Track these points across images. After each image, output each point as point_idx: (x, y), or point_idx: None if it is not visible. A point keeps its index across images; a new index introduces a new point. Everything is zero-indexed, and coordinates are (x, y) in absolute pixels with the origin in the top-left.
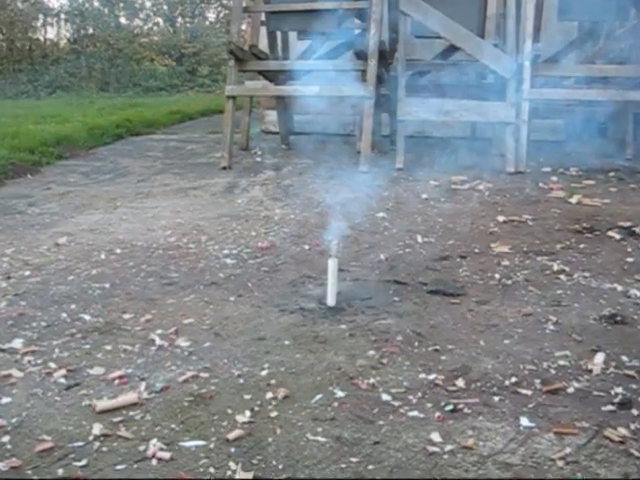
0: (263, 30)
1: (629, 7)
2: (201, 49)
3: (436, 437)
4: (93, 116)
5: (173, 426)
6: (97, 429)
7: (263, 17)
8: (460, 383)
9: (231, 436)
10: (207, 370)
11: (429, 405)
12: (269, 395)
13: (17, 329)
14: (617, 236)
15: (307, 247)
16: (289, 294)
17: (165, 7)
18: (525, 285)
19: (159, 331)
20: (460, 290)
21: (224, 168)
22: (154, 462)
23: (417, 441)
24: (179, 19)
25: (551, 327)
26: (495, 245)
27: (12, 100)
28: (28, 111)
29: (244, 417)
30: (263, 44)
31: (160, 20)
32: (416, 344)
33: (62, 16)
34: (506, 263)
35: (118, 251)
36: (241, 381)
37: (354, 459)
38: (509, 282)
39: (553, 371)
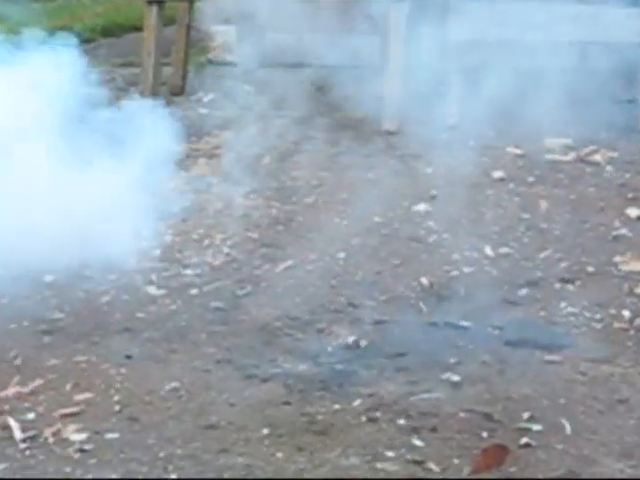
0: None
1: None
2: None
3: None
4: None
5: None
6: None
7: None
8: None
9: None
10: None
11: None
12: None
13: None
14: None
15: (289, 263)
16: (261, 348)
17: None
18: None
19: (30, 415)
20: (562, 340)
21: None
22: None
23: None
24: None
25: None
26: (622, 259)
27: None
28: None
29: None
30: None
31: None
32: (485, 435)
33: None
34: None
35: None
36: None
37: None
38: None
39: None
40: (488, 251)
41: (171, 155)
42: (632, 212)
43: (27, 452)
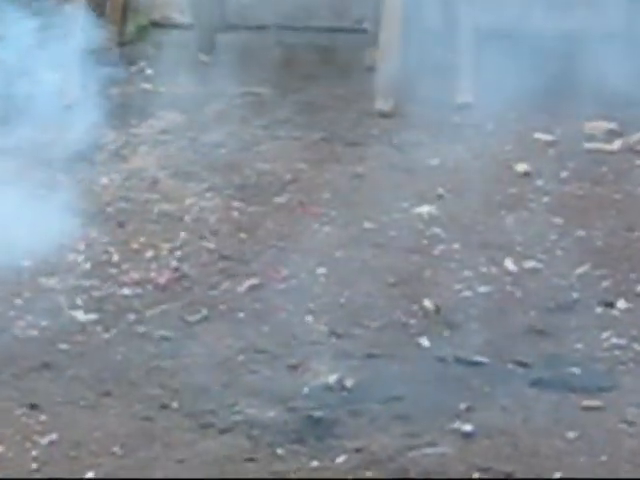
0: None
1: None
2: None
3: None
4: None
5: None
6: None
7: None
8: None
9: None
10: None
11: None
12: None
13: None
14: None
15: (255, 281)
16: (218, 390)
17: None
18: None
19: None
20: (604, 380)
21: (69, 107)
22: None
23: None
24: None
25: None
26: None
27: None
28: None
29: None
30: None
31: None
32: None
33: None
34: None
35: None
36: None
37: None
38: None
39: None
40: (510, 266)
41: (104, 142)
42: None
43: None
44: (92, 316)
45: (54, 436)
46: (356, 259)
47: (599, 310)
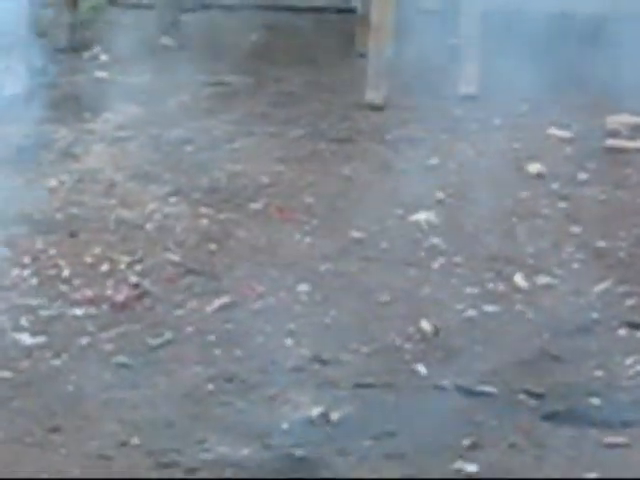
0: None
1: None
2: None
3: None
4: None
5: None
6: None
7: None
8: None
9: None
10: None
11: None
12: None
13: None
14: None
15: (227, 299)
16: (185, 424)
17: None
18: None
19: None
20: (629, 412)
21: (12, 98)
22: None
23: None
24: None
25: None
26: None
27: None
28: None
29: None
30: None
31: None
32: None
33: None
34: None
35: None
36: None
37: None
38: None
39: None
40: (520, 281)
41: (52, 139)
42: None
43: None
44: (39, 339)
45: None
46: (343, 274)
47: (622, 332)
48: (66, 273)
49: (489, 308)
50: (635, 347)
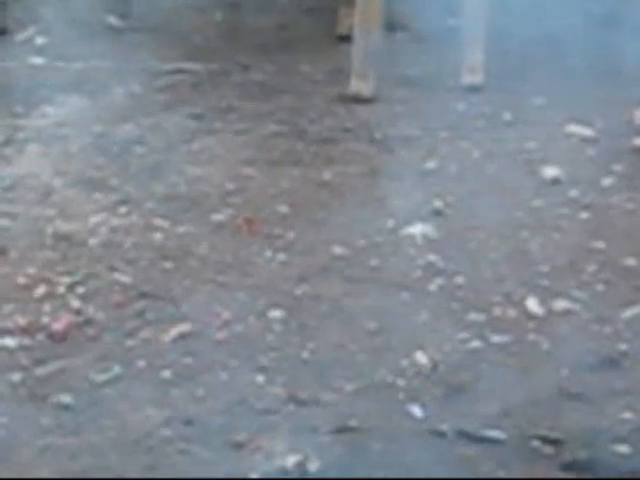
0: None
1: None
2: None
3: None
4: None
5: None
6: None
7: None
8: None
9: None
10: None
11: None
12: None
13: None
14: None
15: (185, 327)
16: (134, 475)
17: None
18: None
19: None
20: None
21: None
22: None
23: None
24: None
25: None
26: None
27: None
28: None
29: None
30: None
31: None
32: None
33: None
34: None
35: None
36: None
37: None
38: None
39: None
40: (533, 307)
41: None
42: None
43: None
44: None
45: None
46: (323, 298)
47: None
48: None
49: (496, 338)
50: None
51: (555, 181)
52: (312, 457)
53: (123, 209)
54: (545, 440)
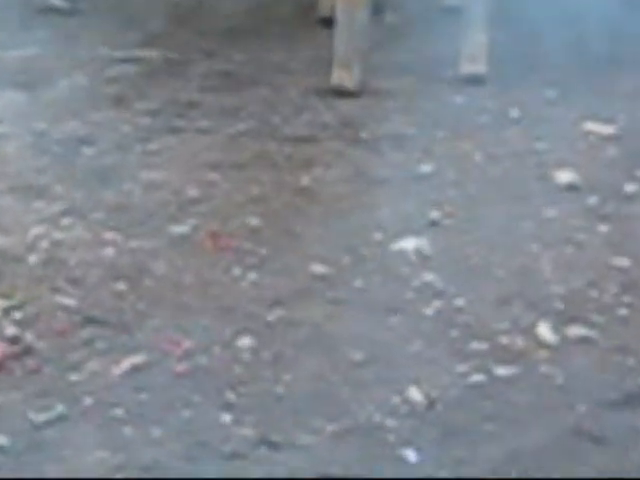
0: None
1: None
2: None
3: None
4: None
5: None
6: None
7: None
8: None
9: None
10: None
11: None
12: None
13: None
14: None
15: (140, 359)
16: None
17: None
18: None
19: None
20: None
21: None
22: None
23: None
24: None
25: None
26: None
27: None
28: None
29: None
30: None
31: None
32: None
33: None
34: None
35: None
36: None
37: None
38: None
39: None
40: (545, 334)
41: None
42: None
43: None
44: None
45: None
46: (301, 323)
47: None
48: None
49: (502, 370)
50: None
51: (570, 187)
52: None
53: (67, 220)
54: None
